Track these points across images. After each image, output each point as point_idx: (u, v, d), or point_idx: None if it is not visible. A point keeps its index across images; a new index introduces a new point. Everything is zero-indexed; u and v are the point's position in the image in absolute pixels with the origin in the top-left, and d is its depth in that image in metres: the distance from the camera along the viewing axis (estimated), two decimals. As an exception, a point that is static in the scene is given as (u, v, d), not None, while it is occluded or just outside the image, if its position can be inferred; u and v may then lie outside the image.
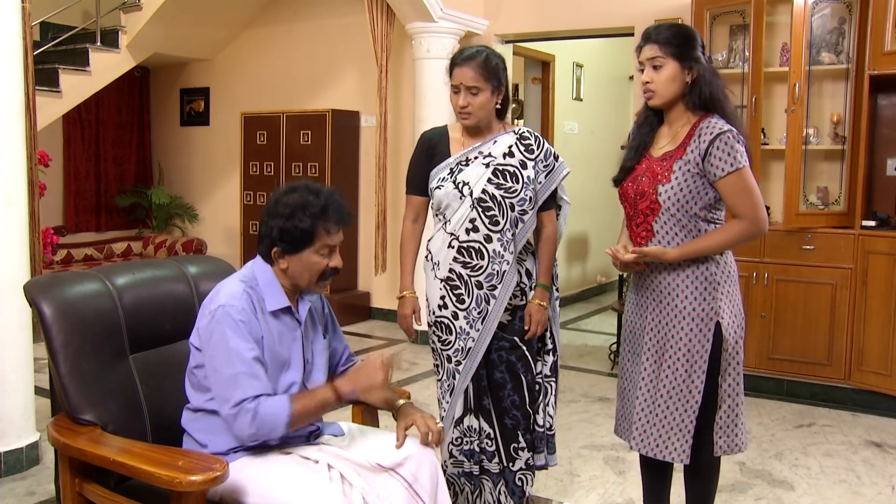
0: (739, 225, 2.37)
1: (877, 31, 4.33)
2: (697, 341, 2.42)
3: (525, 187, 2.67)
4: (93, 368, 2.10)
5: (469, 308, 2.71)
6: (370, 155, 6.50)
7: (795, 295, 4.60)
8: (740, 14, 4.80)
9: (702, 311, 2.42)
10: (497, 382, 2.76)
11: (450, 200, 2.69)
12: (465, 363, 2.72)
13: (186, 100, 7.86)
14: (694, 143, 2.37)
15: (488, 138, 2.73)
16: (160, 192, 7.65)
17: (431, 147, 2.79)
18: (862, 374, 4.45)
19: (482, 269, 2.69)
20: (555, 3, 5.81)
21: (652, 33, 2.42)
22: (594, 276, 7.95)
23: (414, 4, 5.56)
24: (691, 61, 2.39)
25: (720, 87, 2.44)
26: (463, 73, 2.65)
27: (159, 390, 2.25)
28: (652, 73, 2.40)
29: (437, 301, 2.77)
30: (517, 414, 2.75)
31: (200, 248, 7.11)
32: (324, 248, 2.11)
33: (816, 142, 4.75)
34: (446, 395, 2.78)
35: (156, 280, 2.40)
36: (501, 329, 2.74)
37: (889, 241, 4.32)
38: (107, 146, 7.56)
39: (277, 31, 7.12)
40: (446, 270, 2.73)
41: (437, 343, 2.79)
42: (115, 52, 6.20)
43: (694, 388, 2.42)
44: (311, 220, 2.06)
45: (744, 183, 2.35)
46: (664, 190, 2.39)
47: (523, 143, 2.73)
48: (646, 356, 2.50)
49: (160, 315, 2.34)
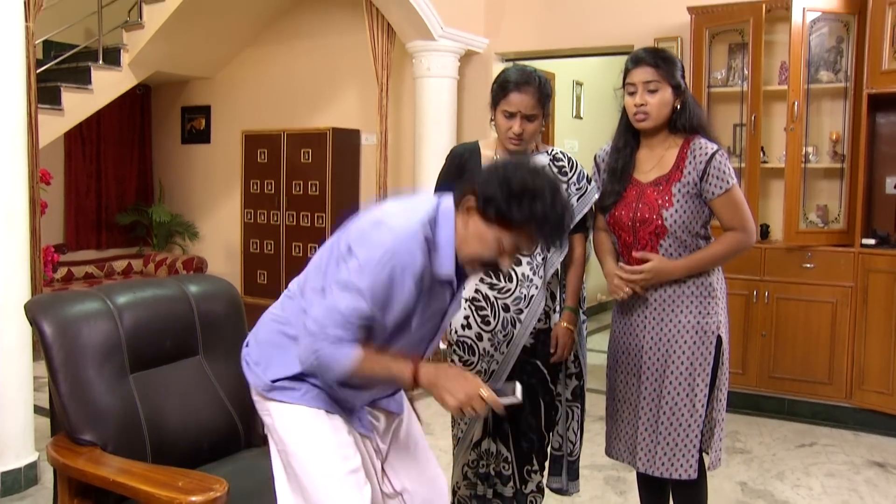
0: (736, 236, 2.46)
1: (874, 50, 4.36)
2: (700, 354, 2.44)
3: None
4: (93, 388, 2.10)
5: (494, 330, 2.66)
6: (371, 173, 6.50)
7: (796, 313, 4.59)
8: (739, 33, 4.82)
9: (705, 324, 2.45)
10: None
11: None
12: (488, 385, 2.68)
13: (187, 118, 7.87)
14: (690, 165, 2.43)
15: None
16: (161, 210, 7.66)
17: (462, 163, 2.71)
18: (863, 393, 4.43)
19: (510, 292, 2.65)
20: (554, 21, 5.84)
21: (646, 57, 2.46)
22: (594, 295, 7.91)
23: (414, 23, 5.59)
24: (680, 87, 2.46)
25: (702, 112, 2.56)
26: (523, 100, 2.54)
27: (159, 410, 2.24)
28: (647, 96, 2.43)
29: (461, 321, 2.71)
30: (533, 437, 2.72)
31: (201, 266, 7.11)
32: (507, 243, 1.82)
33: (816, 160, 4.76)
34: (465, 417, 2.71)
35: (156, 299, 2.39)
36: (525, 353, 2.68)
37: (889, 260, 4.32)
38: (108, 164, 7.58)
39: (278, 50, 7.14)
40: (472, 291, 2.67)
41: (459, 363, 2.73)
42: (116, 71, 6.22)
43: (697, 402, 2.43)
44: (527, 217, 1.78)
45: (738, 198, 2.45)
46: (669, 214, 2.42)
47: (556, 164, 2.68)
48: (646, 375, 2.50)
49: (161, 334, 2.34)
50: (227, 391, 2.45)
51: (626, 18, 5.52)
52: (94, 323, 2.16)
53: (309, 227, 6.71)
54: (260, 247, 7.03)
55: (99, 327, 2.17)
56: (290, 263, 6.85)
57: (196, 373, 2.42)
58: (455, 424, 2.79)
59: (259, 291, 7.02)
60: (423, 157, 5.79)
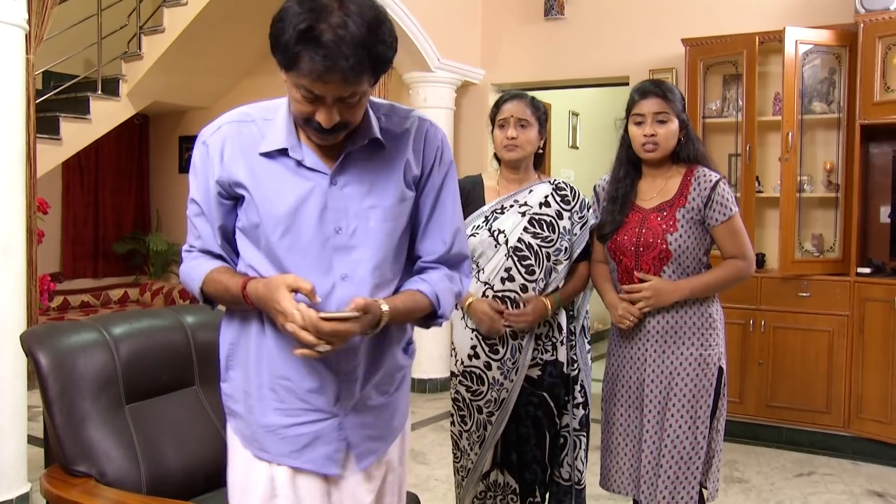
0: (736, 264, 2.50)
1: (866, 81, 4.41)
2: (703, 387, 2.44)
3: (561, 237, 2.65)
4: (88, 419, 2.09)
5: (504, 358, 2.65)
6: (368, 202, 6.49)
7: (793, 342, 4.59)
8: (733, 64, 4.88)
9: (707, 356, 2.46)
10: (522, 437, 2.71)
11: (484, 248, 2.64)
12: (498, 414, 2.67)
13: (185, 147, 7.85)
14: (694, 192, 2.47)
15: (524, 187, 2.71)
16: (158, 239, 7.64)
17: (465, 195, 2.68)
18: (861, 421, 4.42)
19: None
20: (550, 53, 5.90)
21: (655, 89, 2.50)
22: (592, 323, 7.91)
23: (411, 54, 5.64)
24: (684, 119, 2.52)
25: (701, 143, 2.61)
26: (513, 106, 2.66)
27: (155, 442, 2.23)
28: (657, 127, 2.47)
29: (468, 350, 2.70)
30: (536, 468, 2.71)
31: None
32: (302, 89, 1.48)
33: (810, 189, 4.79)
34: (475, 447, 2.71)
35: (153, 330, 2.40)
36: (531, 384, 2.68)
37: (885, 288, 4.33)
38: (105, 193, 7.58)
39: (276, 80, 6.70)
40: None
41: (466, 393, 2.71)
42: (115, 101, 6.25)
43: (699, 435, 2.43)
44: (293, 37, 1.41)
45: (739, 227, 2.51)
46: (674, 238, 2.45)
47: (559, 193, 2.70)
48: (648, 408, 2.49)
49: (157, 365, 2.34)
50: (224, 422, 2.42)
51: (622, 50, 5.57)
52: (90, 354, 2.16)
53: (306, 257, 6.68)
54: (256, 276, 7.00)
55: (95, 358, 2.17)
56: (286, 292, 6.81)
57: (192, 404, 2.42)
58: (460, 456, 2.76)
59: (255, 320, 6.99)
60: (419, 187, 5.80)
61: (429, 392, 5.85)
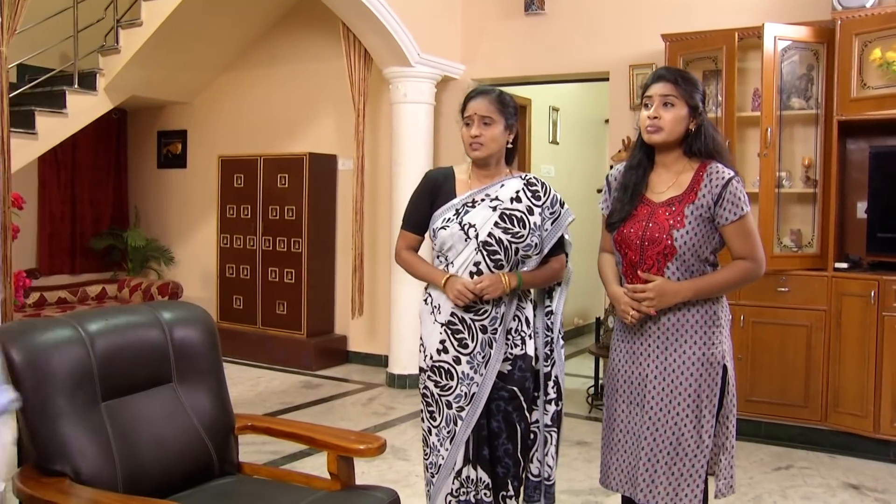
0: (745, 265, 2.43)
1: (843, 78, 4.43)
2: (707, 386, 2.41)
3: (531, 233, 2.65)
4: (62, 417, 2.07)
5: (473, 352, 2.64)
6: (347, 199, 6.49)
7: (771, 337, 4.62)
8: (713, 60, 4.89)
9: (711, 355, 2.42)
10: (493, 431, 2.70)
11: (454, 242, 2.64)
12: (469, 409, 2.65)
13: (163, 142, 7.83)
14: (705, 188, 2.42)
15: (496, 181, 2.70)
16: (136, 235, 7.58)
17: (437, 187, 2.75)
18: (838, 415, 4.46)
19: (486, 313, 2.64)
20: (530, 48, 5.89)
21: (667, 73, 2.47)
22: (571, 318, 7.95)
23: (391, 49, 5.61)
24: (697, 110, 2.45)
25: (721, 138, 2.53)
26: (477, 104, 2.66)
27: (131, 439, 2.22)
28: (661, 110, 2.42)
29: (437, 346, 2.68)
30: (508, 462, 2.70)
31: (176, 292, 7.04)
32: None
33: (789, 185, 4.82)
34: (445, 443, 2.68)
35: (129, 326, 2.38)
36: (502, 379, 2.67)
37: (861, 283, 4.36)
38: (83, 188, 7.50)
39: (255, 75, 7.15)
40: (448, 314, 2.66)
41: (435, 389, 2.69)
42: (92, 95, 6.18)
43: (704, 433, 2.40)
44: None
45: (750, 227, 2.43)
46: (679, 235, 2.40)
47: (530, 189, 2.70)
48: (650, 405, 2.45)
49: (133, 362, 2.33)
50: (201, 419, 2.44)
51: (602, 46, 5.58)
52: (65, 351, 2.15)
53: (285, 252, 6.68)
54: (236, 272, 6.99)
55: (70, 355, 2.15)
56: (266, 288, 6.81)
57: (169, 401, 2.41)
58: (430, 453, 2.74)
59: (235, 317, 6.99)
60: (399, 183, 5.80)
61: (409, 388, 5.84)
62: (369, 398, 5.68)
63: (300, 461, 4.20)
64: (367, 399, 5.66)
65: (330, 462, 2.42)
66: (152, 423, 2.32)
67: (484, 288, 2.58)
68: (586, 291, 7.87)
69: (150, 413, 2.33)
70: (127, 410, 2.27)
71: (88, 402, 2.15)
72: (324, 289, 6.74)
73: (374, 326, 6.55)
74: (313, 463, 4.08)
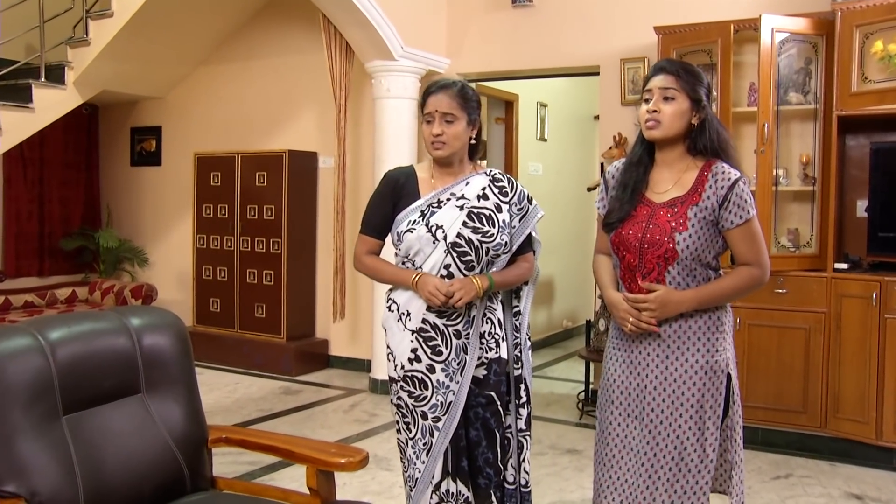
0: (750, 272, 2.32)
1: (843, 71, 4.31)
2: (711, 396, 2.29)
3: (501, 231, 2.55)
4: (18, 433, 1.96)
5: (448, 359, 2.53)
6: (328, 197, 6.35)
7: (768, 340, 4.48)
8: (707, 53, 4.74)
9: (714, 362, 2.30)
10: (472, 441, 2.59)
11: (422, 245, 2.52)
12: (445, 419, 2.53)
13: (137, 139, 7.65)
14: (710, 189, 2.29)
15: (460, 179, 2.61)
16: (108, 235, 7.36)
17: (398, 188, 2.63)
18: (838, 421, 4.32)
19: (459, 317, 2.53)
20: (518, 41, 5.75)
21: (667, 65, 2.36)
22: (560, 321, 7.80)
23: (374, 42, 5.46)
24: (701, 104, 2.33)
25: (727, 135, 2.40)
26: (438, 100, 2.54)
27: (96, 455, 2.11)
28: (661, 104, 2.31)
29: (408, 354, 2.56)
30: (490, 472, 2.59)
31: (150, 294, 6.80)
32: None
33: (786, 183, 4.69)
34: (421, 455, 2.56)
35: (94, 334, 2.27)
36: (477, 385, 2.57)
37: (862, 284, 4.23)
38: (52, 187, 7.26)
39: (233, 69, 6.99)
40: (418, 321, 2.54)
41: (409, 399, 2.57)
42: (60, 89, 5.94)
43: (708, 447, 2.28)
44: None
45: (756, 231, 2.32)
46: (682, 238, 2.27)
47: (497, 185, 2.61)
48: (649, 418, 2.33)
49: (98, 372, 2.22)
50: (172, 431, 2.33)
51: (593, 39, 5.44)
52: (21, 361, 2.04)
53: (264, 253, 6.51)
54: (213, 273, 6.81)
55: (27, 366, 2.04)
56: (244, 291, 6.64)
57: (138, 412, 2.31)
58: (408, 466, 2.61)
59: (212, 320, 6.82)
60: (382, 181, 5.62)
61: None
62: (351, 405, 5.49)
63: (279, 472, 4.02)
64: (349, 405, 5.46)
65: (309, 476, 2.29)
66: (119, 437, 2.21)
67: (455, 292, 2.45)
68: (575, 293, 7.76)
69: (116, 426, 2.22)
70: (91, 424, 2.16)
71: (48, 415, 2.04)
72: (304, 291, 6.58)
73: (357, 330, 6.40)
74: (292, 474, 3.90)
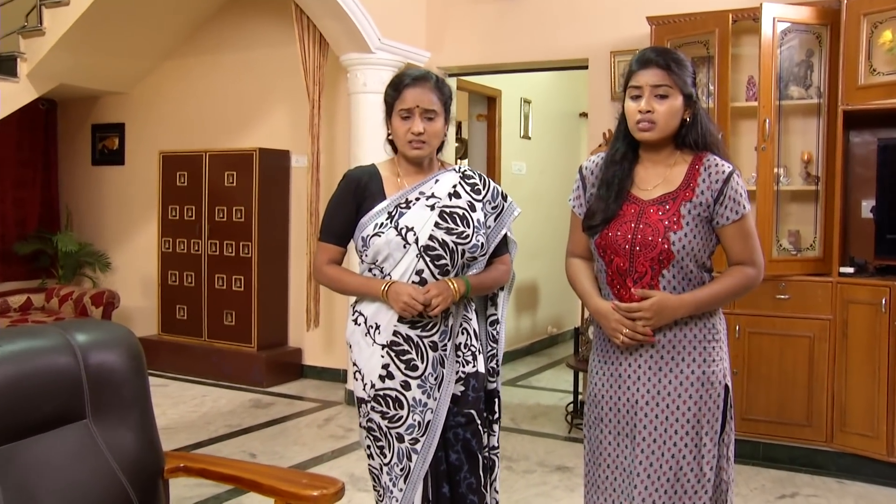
0: (745, 271, 2.19)
1: (849, 63, 4.08)
2: (708, 410, 2.15)
3: (476, 231, 2.37)
4: None
5: (425, 374, 2.33)
6: (301, 198, 6.09)
7: (770, 349, 4.24)
8: (704, 45, 4.49)
9: (711, 373, 2.16)
10: (453, 465, 2.37)
11: (391, 250, 2.31)
12: (424, 441, 2.32)
13: (99, 137, 7.35)
14: (704, 184, 2.15)
15: (429, 177, 2.43)
16: (67, 239, 7.02)
17: (361, 188, 2.40)
18: (845, 435, 4.08)
19: (434, 326, 2.33)
20: (502, 33, 5.51)
21: (656, 58, 2.15)
22: (544, 327, 7.58)
23: (349, 34, 5.22)
24: (692, 97, 2.17)
25: (715, 127, 2.28)
26: (418, 94, 2.34)
27: (31, 492, 1.92)
28: (654, 103, 2.13)
29: (378, 371, 2.34)
30: (474, 499, 2.38)
31: (112, 301, 6.45)
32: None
33: (787, 182, 4.45)
34: (398, 482, 2.34)
35: (32, 353, 2.05)
36: (455, 403, 2.38)
37: (870, 290, 4.00)
38: (5, 187, 6.90)
39: (201, 63, 6.74)
40: (389, 334, 2.34)
41: (382, 421, 2.35)
42: (13, 82, 5.64)
43: (705, 465, 2.15)
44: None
45: (751, 227, 2.21)
46: (677, 238, 2.11)
47: (468, 182, 2.44)
48: (642, 435, 2.16)
49: (36, 396, 2.01)
50: (122, 461, 2.11)
51: (581, 30, 5.22)
52: None
53: (233, 257, 6.23)
54: (179, 279, 6.52)
55: None
56: (212, 297, 6.34)
57: (82, 441, 2.09)
58: (383, 495, 2.38)
59: (178, 328, 6.54)
60: (359, 180, 5.36)
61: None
62: (326, 418, 5.17)
63: (247, 495, 3.68)
64: (324, 419, 5.15)
65: (277, 509, 2.06)
66: (59, 470, 1.99)
67: (432, 297, 2.26)
68: (560, 298, 7.52)
69: (56, 458, 2.00)
70: (26, 456, 1.94)
71: (-31, 448, 1.79)
72: (276, 297, 6.31)
73: (332, 338, 6.14)
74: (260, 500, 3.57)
